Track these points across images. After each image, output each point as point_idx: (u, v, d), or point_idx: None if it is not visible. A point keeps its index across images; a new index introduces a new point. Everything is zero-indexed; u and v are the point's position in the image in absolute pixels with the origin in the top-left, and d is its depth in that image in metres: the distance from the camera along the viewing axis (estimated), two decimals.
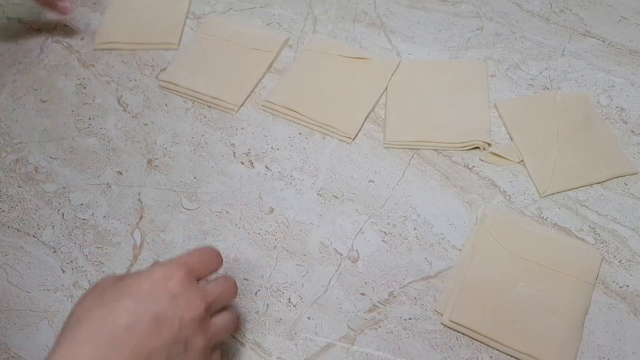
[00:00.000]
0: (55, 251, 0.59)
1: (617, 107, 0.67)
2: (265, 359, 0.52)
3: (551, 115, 0.65)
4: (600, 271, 0.55)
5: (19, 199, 0.63)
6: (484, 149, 0.63)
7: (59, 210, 0.62)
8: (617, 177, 0.61)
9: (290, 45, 0.74)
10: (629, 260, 0.56)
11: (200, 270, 0.45)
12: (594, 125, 0.64)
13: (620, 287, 0.54)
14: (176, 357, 0.41)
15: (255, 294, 0.55)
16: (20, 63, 0.75)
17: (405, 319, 0.53)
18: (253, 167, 0.64)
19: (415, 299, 0.54)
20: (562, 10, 0.76)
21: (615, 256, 0.56)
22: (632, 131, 0.65)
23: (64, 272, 0.58)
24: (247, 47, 0.73)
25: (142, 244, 0.59)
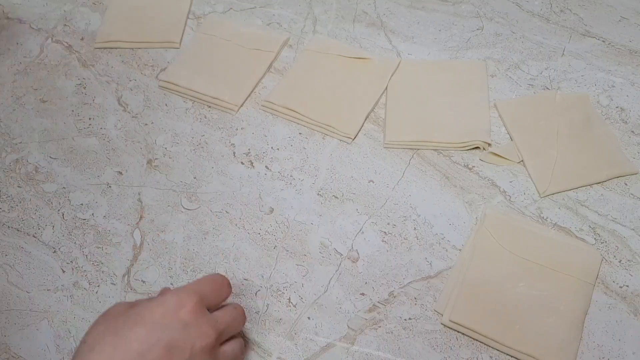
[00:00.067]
0: (55, 251, 0.59)
1: (617, 107, 0.67)
2: (265, 359, 0.52)
3: (551, 115, 0.65)
4: (600, 271, 0.55)
5: (19, 199, 0.63)
6: (484, 149, 0.63)
7: (59, 210, 0.62)
8: (617, 177, 0.61)
9: (290, 45, 0.74)
10: (629, 260, 0.56)
11: (211, 298, 0.45)
12: (594, 125, 0.64)
13: (620, 287, 0.54)
14: None
15: (255, 294, 0.55)
16: (20, 63, 0.75)
17: (405, 319, 0.53)
18: (253, 167, 0.64)
19: (415, 299, 0.54)
20: (562, 10, 0.76)
21: (615, 256, 0.56)
22: (632, 131, 0.65)
23: (64, 272, 0.58)
24: (247, 47, 0.73)
25: (142, 244, 0.59)
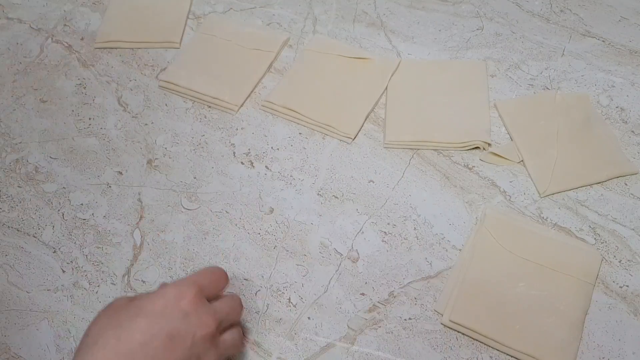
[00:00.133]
0: (55, 251, 0.59)
1: (617, 107, 0.67)
2: (265, 359, 0.52)
3: (551, 115, 0.65)
4: (600, 271, 0.55)
5: (19, 199, 0.63)
6: (484, 149, 0.63)
7: (59, 210, 0.62)
8: (617, 177, 0.61)
9: (290, 45, 0.74)
10: (629, 260, 0.56)
11: (210, 289, 0.46)
12: (594, 125, 0.64)
13: (620, 287, 0.54)
14: None
15: (255, 294, 0.55)
16: (20, 63, 0.75)
17: (405, 319, 0.53)
18: (253, 167, 0.64)
19: (415, 299, 0.54)
20: (562, 10, 0.76)
21: (615, 256, 0.56)
22: (632, 131, 0.65)
23: (64, 272, 0.58)
24: (247, 47, 0.73)
25: (142, 244, 0.59)
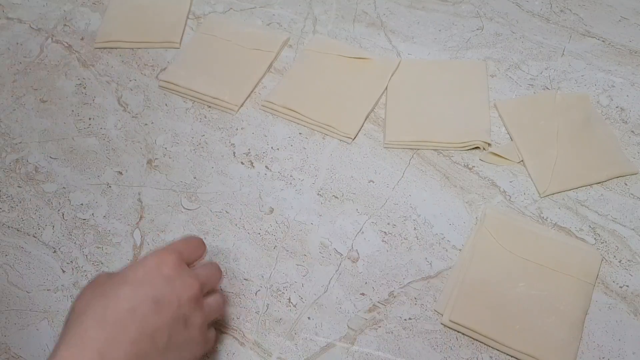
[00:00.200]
0: (55, 251, 0.59)
1: (617, 107, 0.67)
2: (265, 359, 0.52)
3: (551, 115, 0.65)
4: (600, 271, 0.55)
5: (19, 199, 0.63)
6: (484, 149, 0.63)
7: (59, 210, 0.62)
8: (617, 177, 0.61)
9: (290, 45, 0.74)
10: (629, 260, 0.56)
11: (189, 255, 0.47)
12: (594, 125, 0.64)
13: (620, 287, 0.54)
14: (178, 334, 0.43)
15: (255, 294, 0.55)
16: (20, 63, 0.75)
17: (405, 319, 0.53)
18: (253, 167, 0.64)
19: (415, 299, 0.54)
20: (562, 10, 0.76)
21: (615, 256, 0.56)
22: (632, 131, 0.65)
23: (64, 272, 0.58)
24: (247, 47, 0.73)
25: (142, 244, 0.59)
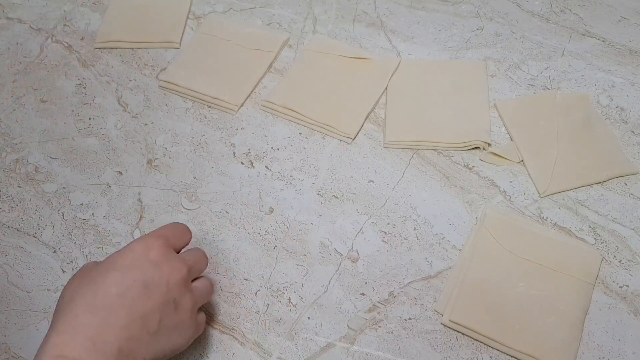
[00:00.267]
0: (55, 251, 0.59)
1: (617, 107, 0.67)
2: (265, 359, 0.52)
3: (551, 115, 0.65)
4: (600, 271, 0.55)
5: (19, 199, 0.63)
6: (484, 149, 0.63)
7: (59, 210, 0.62)
8: (617, 177, 0.61)
9: (290, 45, 0.74)
10: (629, 260, 0.56)
11: (176, 241, 0.47)
12: (594, 125, 0.64)
13: (620, 287, 0.54)
14: (168, 317, 0.43)
15: (255, 294, 0.55)
16: (20, 63, 0.75)
17: (405, 319, 0.53)
18: (253, 167, 0.64)
19: (415, 299, 0.54)
20: (562, 10, 0.76)
21: (615, 256, 0.56)
22: (632, 131, 0.65)
23: (64, 272, 0.58)
24: (247, 47, 0.73)
25: None
